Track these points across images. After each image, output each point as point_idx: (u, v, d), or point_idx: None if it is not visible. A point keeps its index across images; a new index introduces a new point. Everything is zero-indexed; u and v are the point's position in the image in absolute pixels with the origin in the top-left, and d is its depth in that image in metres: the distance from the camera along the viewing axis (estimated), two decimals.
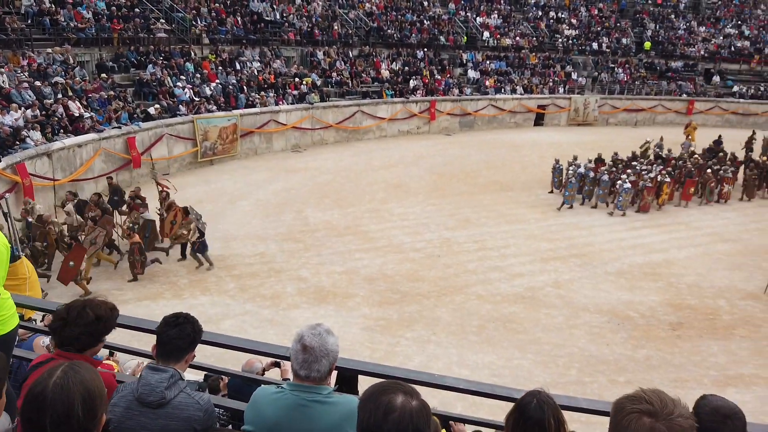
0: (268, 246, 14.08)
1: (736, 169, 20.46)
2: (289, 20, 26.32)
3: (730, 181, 19.68)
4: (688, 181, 18.77)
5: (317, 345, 2.17)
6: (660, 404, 1.57)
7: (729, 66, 36.65)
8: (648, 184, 17.91)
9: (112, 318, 2.54)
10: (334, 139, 24.98)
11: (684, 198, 18.80)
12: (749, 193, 19.92)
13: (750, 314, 11.83)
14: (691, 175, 18.93)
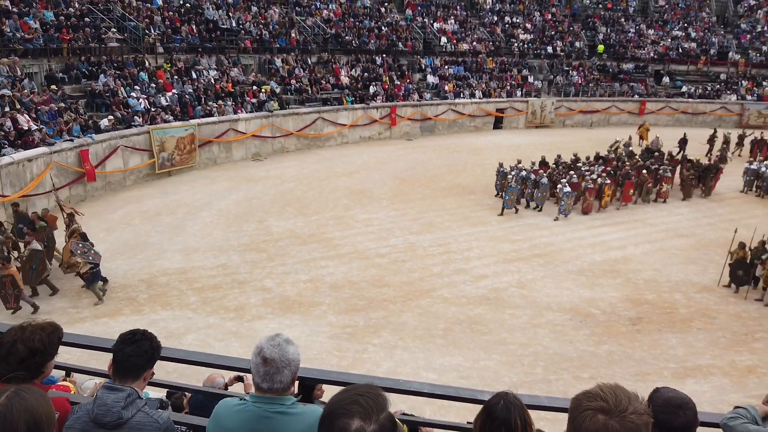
0: (231, 257, 13.85)
1: (674, 168, 20.65)
2: (246, 28, 26.05)
3: (668, 181, 19.79)
4: (626, 183, 18.83)
5: (277, 356, 2.13)
6: (615, 401, 1.59)
7: (677, 67, 38.00)
8: (590, 186, 17.97)
9: (51, 345, 2.38)
10: (295, 146, 24.80)
11: (624, 200, 18.89)
12: (687, 192, 20.05)
13: (705, 306, 12.23)
14: (628, 176, 18.98)
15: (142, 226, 15.56)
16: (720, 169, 20.74)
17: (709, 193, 20.32)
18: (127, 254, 13.70)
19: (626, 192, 18.85)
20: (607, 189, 18.36)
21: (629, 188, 18.86)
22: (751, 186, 21.12)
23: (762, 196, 20.58)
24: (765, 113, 34.43)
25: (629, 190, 18.87)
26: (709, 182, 20.29)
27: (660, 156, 21.93)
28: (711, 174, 20.34)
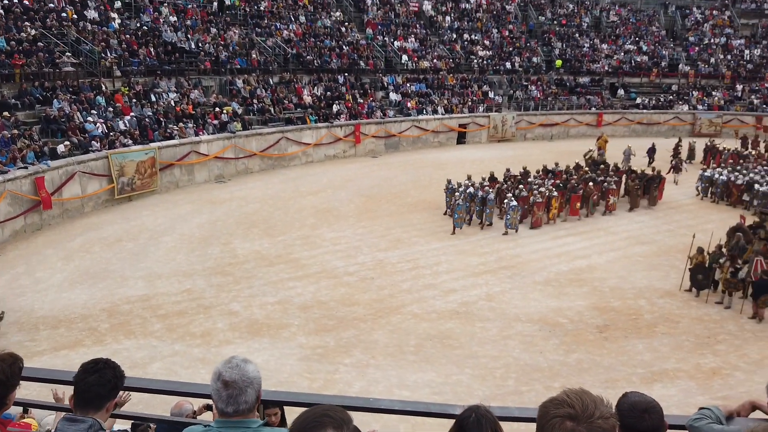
0: (196, 282, 13.56)
1: (619, 180, 20.78)
2: (206, 49, 25.87)
3: (614, 193, 19.83)
4: (573, 196, 18.81)
5: (238, 377, 2.08)
6: (581, 407, 1.62)
7: (631, 79, 39.26)
8: (538, 200, 17.87)
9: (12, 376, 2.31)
10: (259, 167, 24.60)
11: (571, 213, 18.87)
12: (633, 202, 20.09)
13: (668, 311, 12.50)
14: (575, 189, 18.99)
15: (102, 253, 15.13)
16: (663, 178, 20.87)
17: (654, 203, 20.45)
18: (87, 283, 13.28)
19: (573, 205, 18.86)
20: (554, 202, 18.36)
21: (576, 201, 18.86)
22: (706, 192, 21.72)
23: (716, 202, 21.22)
24: (716, 122, 35.80)
25: (576, 203, 18.87)
26: (654, 192, 20.47)
27: (606, 168, 22.07)
28: (654, 184, 20.51)
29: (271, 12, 30.92)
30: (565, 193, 18.87)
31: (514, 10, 41.71)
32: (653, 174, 20.86)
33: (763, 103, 36.60)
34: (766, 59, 39.48)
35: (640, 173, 21.05)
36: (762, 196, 19.62)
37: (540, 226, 17.91)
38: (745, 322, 12.03)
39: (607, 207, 19.60)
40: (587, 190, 19.23)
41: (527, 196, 18.11)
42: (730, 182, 21.10)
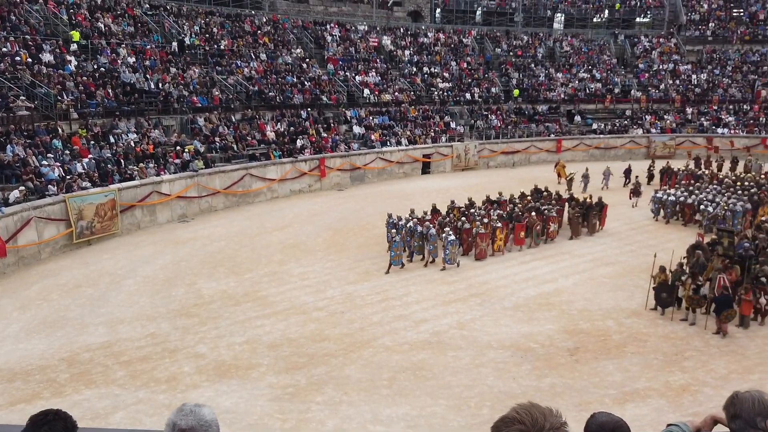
0: (160, 325, 13.15)
1: (562, 207, 20.55)
2: (166, 89, 25.71)
3: (554, 220, 19.55)
4: (517, 226, 18.52)
5: (194, 423, 1.99)
6: (531, 421, 1.66)
7: (586, 106, 40.55)
8: (481, 231, 17.49)
9: None
10: (223, 204, 24.31)
11: (516, 243, 18.53)
12: (574, 230, 19.80)
13: (636, 330, 12.65)
14: (519, 219, 18.80)
15: (60, 300, 14.59)
16: (604, 206, 20.58)
17: (593, 231, 20.12)
18: (44, 332, 12.74)
19: (517, 235, 18.55)
20: (499, 233, 17.94)
21: (520, 231, 18.55)
22: (658, 213, 22.09)
23: (668, 222, 21.61)
24: (669, 144, 37.11)
25: (520, 232, 18.56)
26: (593, 220, 20.15)
27: (548, 196, 21.98)
28: (594, 212, 20.24)
29: (232, 50, 31.05)
30: (509, 223, 18.62)
31: (471, 43, 42.90)
32: (591, 202, 20.58)
33: (712, 125, 38.18)
34: (712, 83, 41.34)
35: (581, 201, 20.82)
36: (710, 216, 20.03)
37: (484, 258, 17.49)
38: (710, 338, 12.25)
39: (547, 234, 19.31)
40: (531, 219, 18.96)
41: (470, 228, 17.75)
42: (680, 203, 21.54)
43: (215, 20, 32.54)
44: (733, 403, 2.33)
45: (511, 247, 18.51)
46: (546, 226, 19.31)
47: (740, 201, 20.55)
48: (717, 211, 19.86)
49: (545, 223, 19.30)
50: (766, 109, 38.31)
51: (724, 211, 19.71)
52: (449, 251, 16.49)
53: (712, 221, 19.60)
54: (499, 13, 46.91)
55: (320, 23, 37.79)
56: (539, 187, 23.24)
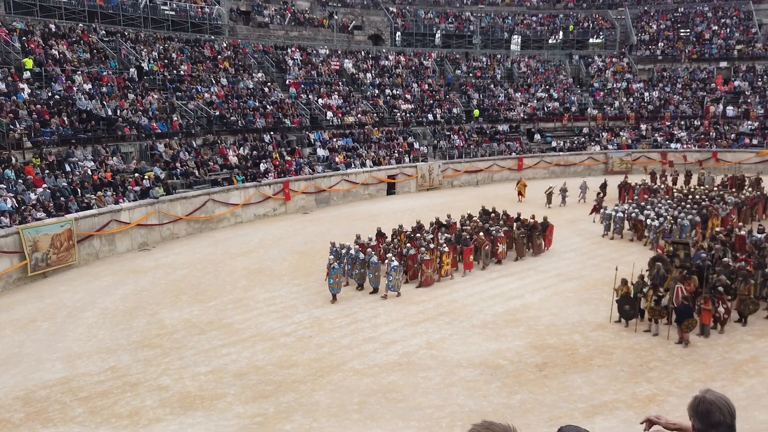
0: (120, 358, 12.71)
1: (510, 227, 20.16)
2: (124, 115, 25.25)
3: (502, 241, 19.17)
4: (465, 250, 17.99)
5: None
6: None
7: (545, 124, 41.51)
8: (426, 257, 16.77)
9: None
10: (185, 231, 23.84)
11: (466, 267, 17.98)
12: (519, 251, 19.55)
13: (602, 343, 12.81)
14: (467, 242, 18.27)
15: (14, 336, 13.98)
16: (549, 226, 20.35)
17: (538, 252, 19.85)
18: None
19: (467, 259, 17.99)
20: (445, 257, 17.30)
21: (469, 255, 18.03)
22: (608, 229, 21.97)
23: (612, 237, 21.61)
24: (626, 160, 38.19)
25: (469, 256, 18.03)
26: (537, 240, 19.84)
27: (496, 216, 21.66)
28: (537, 232, 19.92)
29: (191, 76, 30.79)
30: (456, 247, 18.11)
31: (432, 65, 43.59)
32: (536, 222, 20.28)
33: (665, 140, 39.51)
34: (663, 100, 42.89)
35: (526, 221, 20.56)
36: (657, 230, 19.90)
37: (430, 285, 16.84)
38: (673, 348, 12.49)
39: (495, 255, 18.97)
40: (479, 240, 18.54)
41: (415, 254, 17.07)
42: (631, 218, 21.61)
43: (174, 46, 32.27)
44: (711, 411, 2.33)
45: (464, 272, 17.95)
46: (494, 247, 18.96)
47: (689, 215, 20.82)
48: (664, 225, 19.85)
49: (494, 244, 18.96)
50: (716, 125, 39.90)
51: (671, 225, 19.75)
52: (393, 278, 15.80)
53: (659, 235, 19.63)
54: (458, 35, 47.88)
55: (281, 47, 37.88)
56: (487, 208, 22.79)
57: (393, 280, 15.87)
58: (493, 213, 22.18)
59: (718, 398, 2.37)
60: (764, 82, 41.76)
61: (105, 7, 31.40)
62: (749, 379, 11.09)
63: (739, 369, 11.51)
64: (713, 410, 2.34)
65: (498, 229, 19.56)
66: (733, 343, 12.71)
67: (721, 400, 2.35)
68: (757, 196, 24.66)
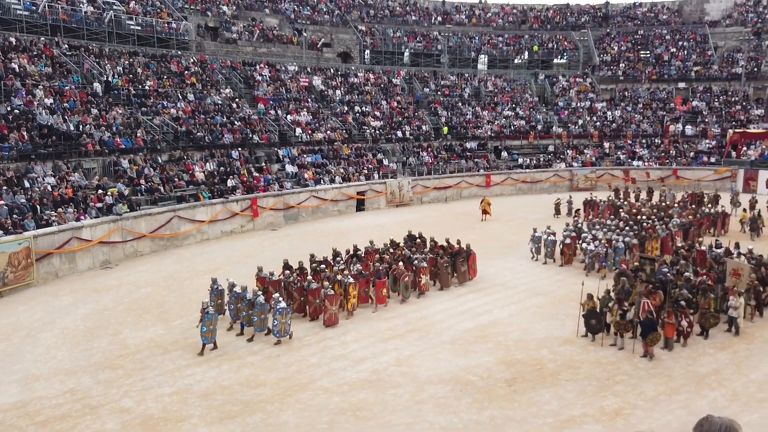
0: (80, 380, 12.26)
1: (436, 255, 18.47)
2: (87, 131, 24.70)
3: (425, 271, 17.44)
4: (378, 283, 16.22)
5: None
6: None
7: (512, 142, 42.21)
8: (330, 292, 15.00)
9: None
10: (150, 249, 23.30)
11: (378, 302, 16.25)
12: (443, 281, 17.98)
13: (569, 358, 12.93)
14: (379, 275, 16.45)
15: None
16: (472, 254, 18.80)
17: (463, 280, 18.45)
18: None
19: (378, 292, 16.23)
20: (351, 290, 15.56)
21: (381, 288, 16.28)
22: (538, 252, 20.94)
23: (545, 262, 20.64)
24: (590, 177, 39.04)
25: (382, 290, 16.28)
26: (461, 268, 18.40)
27: (422, 243, 19.97)
28: (461, 259, 18.47)
29: (157, 91, 30.37)
30: (369, 280, 16.37)
31: (400, 82, 44.03)
32: (459, 248, 19.02)
33: (628, 158, 40.57)
34: (625, 119, 44.12)
35: (449, 248, 19.11)
36: (591, 253, 19.22)
37: (335, 324, 14.93)
38: (638, 361, 12.69)
39: (419, 288, 17.38)
40: (398, 271, 16.91)
41: (317, 288, 15.33)
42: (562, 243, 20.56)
43: (139, 60, 31.84)
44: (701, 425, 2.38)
45: (375, 307, 16.26)
46: (417, 278, 17.38)
47: (626, 237, 20.25)
48: (598, 249, 19.24)
49: (416, 275, 17.37)
50: (675, 143, 41.18)
51: (606, 248, 19.26)
52: (278, 322, 13.71)
53: (594, 260, 19.10)
54: (426, 54, 48.54)
55: (249, 64, 37.75)
56: (413, 234, 21.05)
57: (278, 324, 13.72)
58: (419, 239, 20.34)
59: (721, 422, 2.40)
60: (720, 103, 43.37)
61: (68, 21, 30.85)
62: (712, 391, 11.31)
63: (702, 382, 11.74)
64: None
65: (421, 258, 17.81)
66: (695, 356, 12.97)
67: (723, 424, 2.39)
68: (715, 213, 25.44)
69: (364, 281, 16.39)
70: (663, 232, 21.48)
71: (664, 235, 21.28)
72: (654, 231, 21.38)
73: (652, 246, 20.59)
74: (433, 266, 18.12)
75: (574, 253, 20.67)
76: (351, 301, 15.71)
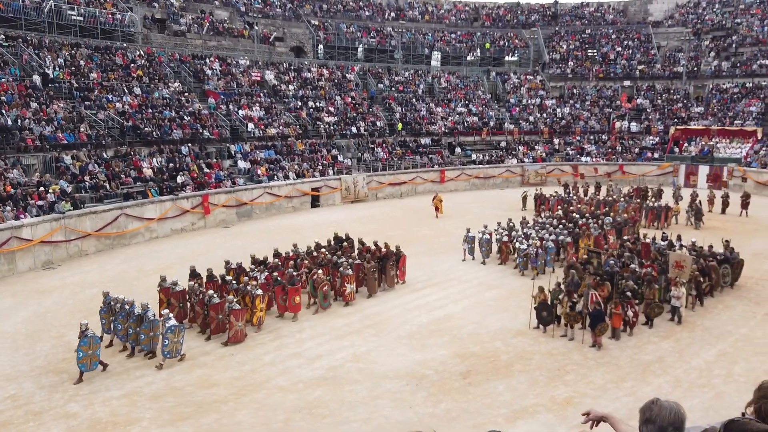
0: (22, 385, 11.72)
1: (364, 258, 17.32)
2: (26, 125, 23.60)
3: (350, 279, 16.12)
4: (290, 290, 14.86)
5: None
6: None
7: (465, 138, 42.71)
8: (235, 307, 13.54)
9: None
10: (95, 248, 22.48)
11: (291, 309, 14.95)
12: (370, 287, 16.79)
13: (522, 350, 13.20)
14: (292, 281, 15.14)
15: None
16: (402, 256, 17.95)
17: (392, 284, 17.49)
18: None
19: (291, 300, 14.88)
20: (258, 302, 14.24)
21: (294, 296, 14.91)
22: (471, 253, 20.49)
23: (484, 262, 20.14)
24: (541, 172, 39.94)
25: (294, 297, 14.94)
26: (390, 272, 17.37)
27: (350, 246, 18.85)
28: (390, 263, 17.45)
29: (101, 84, 29.28)
30: (282, 288, 14.98)
31: (354, 78, 43.87)
32: (387, 251, 17.94)
33: (576, 154, 41.70)
34: (574, 116, 45.31)
35: (376, 251, 18.08)
36: (523, 252, 18.95)
37: (241, 341, 13.60)
38: (587, 351, 13.07)
39: (344, 297, 16.10)
40: (318, 280, 15.53)
41: (220, 302, 13.82)
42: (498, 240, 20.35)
43: (82, 52, 30.61)
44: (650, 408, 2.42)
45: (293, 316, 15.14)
46: (341, 287, 16.14)
47: (560, 235, 20.30)
48: (529, 249, 18.82)
49: (342, 282, 16.08)
50: (621, 139, 42.59)
51: (536, 248, 18.85)
52: (168, 341, 12.34)
53: (526, 259, 18.86)
54: (380, 50, 48.54)
55: (199, 57, 36.85)
56: (339, 235, 19.80)
57: (169, 344, 12.36)
58: (346, 241, 19.17)
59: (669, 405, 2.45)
60: (663, 101, 45.08)
61: (5, 10, 29.38)
62: (656, 378, 11.76)
63: (647, 369, 12.18)
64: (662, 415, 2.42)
65: (346, 265, 16.47)
66: (641, 344, 13.46)
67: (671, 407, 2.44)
68: (659, 206, 26.46)
69: (280, 289, 15.13)
70: (595, 230, 21.29)
71: (596, 233, 21.05)
72: (588, 229, 21.26)
73: (586, 244, 20.25)
74: (359, 272, 16.86)
75: (512, 251, 20.10)
76: (257, 314, 14.29)
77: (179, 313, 14.57)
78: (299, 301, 15.25)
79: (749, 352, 12.92)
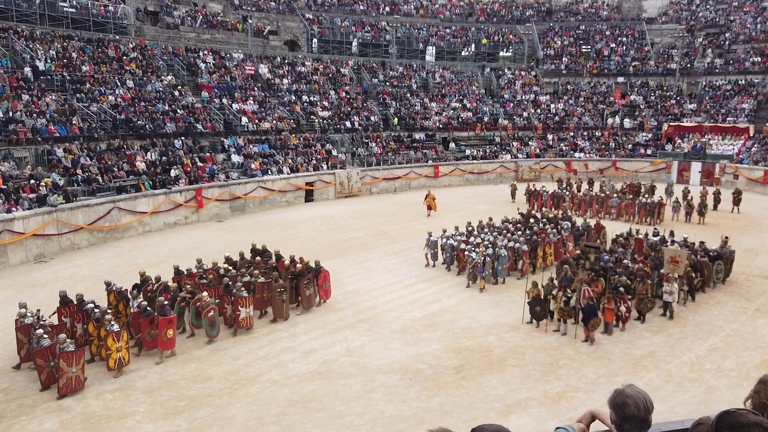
0: (14, 379, 11.69)
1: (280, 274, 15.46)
2: (17, 117, 23.40)
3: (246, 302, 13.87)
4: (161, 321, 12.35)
5: None
6: None
7: (460, 134, 42.73)
8: (69, 348, 11.24)
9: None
10: (88, 242, 22.37)
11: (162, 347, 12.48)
12: (276, 311, 14.71)
13: (515, 344, 13.26)
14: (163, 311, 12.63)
15: None
16: (322, 272, 15.77)
17: (309, 305, 15.29)
18: None
19: (162, 334, 12.37)
20: (111, 342, 11.76)
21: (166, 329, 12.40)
22: (435, 257, 19.19)
23: (448, 269, 18.83)
24: (535, 168, 40.02)
25: (166, 331, 12.43)
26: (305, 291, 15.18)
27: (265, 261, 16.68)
28: (305, 281, 15.26)
29: (94, 77, 29.07)
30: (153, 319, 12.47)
31: (349, 72, 43.74)
32: (304, 266, 15.80)
33: (570, 150, 41.81)
34: (567, 112, 45.40)
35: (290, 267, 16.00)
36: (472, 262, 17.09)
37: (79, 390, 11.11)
38: (580, 346, 13.14)
39: (236, 323, 13.83)
40: (202, 304, 13.20)
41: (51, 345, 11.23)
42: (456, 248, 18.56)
43: (74, 45, 30.37)
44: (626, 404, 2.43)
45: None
46: (235, 312, 13.84)
47: (517, 243, 18.35)
48: (477, 258, 17.07)
49: (234, 307, 13.84)
50: (614, 135, 42.72)
51: (484, 257, 17.16)
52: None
53: (474, 269, 17.13)
54: (374, 44, 48.40)
55: (192, 50, 36.64)
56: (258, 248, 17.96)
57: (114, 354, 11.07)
58: (262, 255, 17.12)
59: (636, 393, 2.47)
60: (656, 97, 45.24)
61: None
62: (648, 372, 11.85)
63: (639, 364, 12.27)
64: (629, 404, 2.44)
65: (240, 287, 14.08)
66: (633, 339, 13.55)
67: (638, 395, 2.46)
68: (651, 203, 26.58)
69: (147, 322, 12.40)
70: (554, 237, 19.86)
71: (555, 239, 19.74)
72: (546, 235, 19.54)
73: (545, 251, 19.00)
74: (262, 293, 14.78)
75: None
76: (113, 356, 11.62)
77: None
78: (172, 335, 12.48)
79: (740, 347, 13.04)
